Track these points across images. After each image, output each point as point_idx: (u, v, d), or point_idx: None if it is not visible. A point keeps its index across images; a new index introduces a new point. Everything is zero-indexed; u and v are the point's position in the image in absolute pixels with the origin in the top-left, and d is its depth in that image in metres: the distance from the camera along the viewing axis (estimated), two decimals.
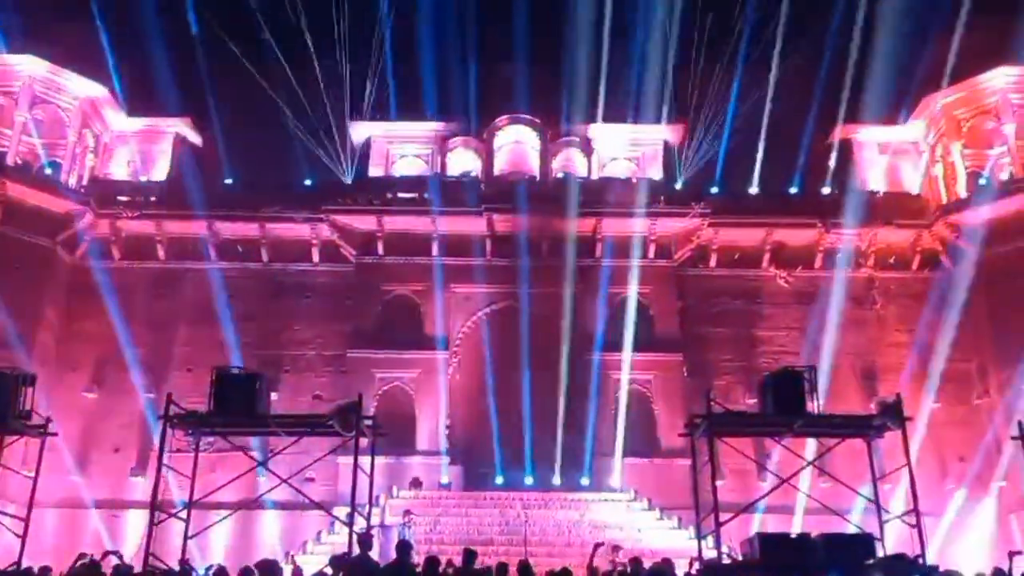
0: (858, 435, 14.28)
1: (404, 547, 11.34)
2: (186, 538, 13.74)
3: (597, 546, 14.77)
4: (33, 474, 14.92)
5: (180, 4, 30.39)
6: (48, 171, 28.72)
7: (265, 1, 30.06)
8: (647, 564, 14.59)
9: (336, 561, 12.24)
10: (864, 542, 11.28)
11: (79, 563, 14.76)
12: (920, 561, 11.76)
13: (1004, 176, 28.83)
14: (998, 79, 28.38)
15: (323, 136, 29.80)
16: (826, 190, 30.52)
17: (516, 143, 31.28)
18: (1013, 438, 14.24)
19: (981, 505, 26.09)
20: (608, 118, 31.00)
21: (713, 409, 13.39)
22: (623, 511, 23.91)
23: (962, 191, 28.60)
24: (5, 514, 14.91)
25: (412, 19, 30.85)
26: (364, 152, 30.96)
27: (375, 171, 30.61)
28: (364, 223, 28.67)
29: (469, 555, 12.36)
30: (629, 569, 14.38)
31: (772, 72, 29.51)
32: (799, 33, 29.24)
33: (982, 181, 28.83)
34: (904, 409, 13.42)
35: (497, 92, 31.52)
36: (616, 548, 14.74)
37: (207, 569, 15.27)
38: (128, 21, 29.66)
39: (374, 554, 12.10)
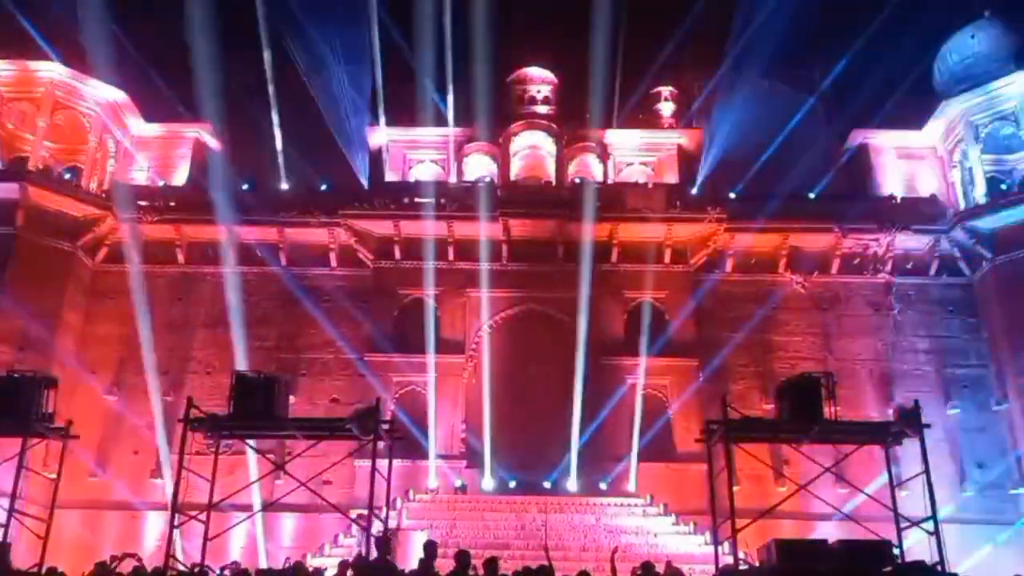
0: (876, 442, 14.23)
1: (430, 548, 10.91)
2: (206, 540, 13.81)
3: (614, 551, 14.75)
4: (54, 476, 15.10)
5: (200, 11, 30.54)
6: (69, 176, 29.15)
7: (284, 9, 30.25)
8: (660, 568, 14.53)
9: (354, 564, 12.17)
10: (882, 549, 11.21)
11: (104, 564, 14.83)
12: (939, 568, 11.70)
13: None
14: (1016, 84, 28.22)
15: (341, 141, 29.95)
16: (843, 195, 30.38)
17: (532, 148, 31.32)
18: None
19: (1001, 512, 25.87)
20: (624, 123, 31.02)
21: (729, 415, 13.38)
22: (639, 516, 23.91)
23: (980, 196, 28.39)
24: (27, 515, 15.04)
25: (429, 25, 30.98)
26: (381, 157, 31.15)
27: (392, 176, 30.77)
28: (381, 228, 28.77)
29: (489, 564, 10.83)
30: (640, 573, 14.32)
31: (789, 77, 29.44)
32: (818, 38, 29.17)
33: (1002, 187, 28.67)
34: (923, 416, 13.37)
35: (513, 97, 31.63)
36: (615, 550, 14.78)
37: (222, 568, 15.37)
38: (148, 28, 29.92)
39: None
